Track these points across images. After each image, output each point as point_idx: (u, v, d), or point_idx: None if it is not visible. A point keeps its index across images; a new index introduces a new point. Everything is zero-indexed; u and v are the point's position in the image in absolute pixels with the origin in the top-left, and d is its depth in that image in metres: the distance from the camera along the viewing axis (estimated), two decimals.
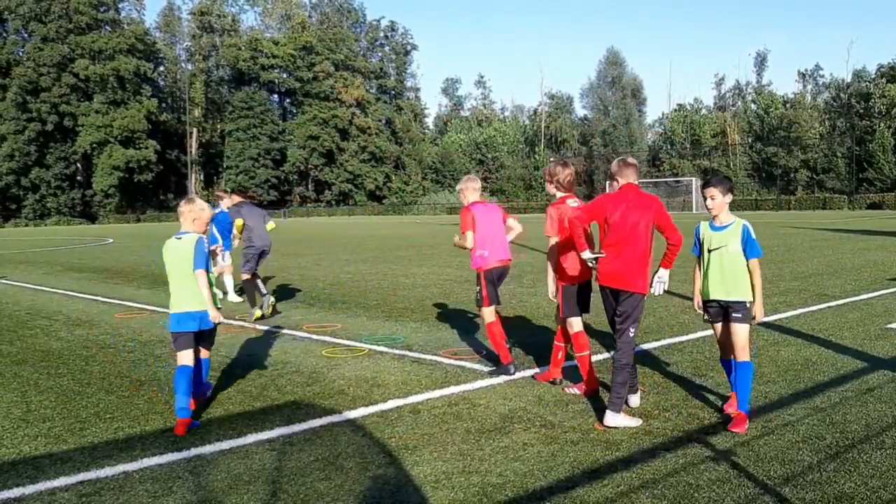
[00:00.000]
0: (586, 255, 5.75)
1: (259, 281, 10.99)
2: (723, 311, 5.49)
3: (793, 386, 6.30)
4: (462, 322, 9.97)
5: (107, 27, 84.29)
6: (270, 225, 11.44)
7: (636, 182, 5.78)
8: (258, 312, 10.61)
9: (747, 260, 5.40)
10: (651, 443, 4.98)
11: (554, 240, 6.37)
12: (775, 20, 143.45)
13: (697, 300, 5.66)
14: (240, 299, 12.61)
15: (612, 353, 6.03)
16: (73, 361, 8.08)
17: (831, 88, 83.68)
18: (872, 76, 78.25)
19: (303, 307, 11.90)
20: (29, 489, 4.44)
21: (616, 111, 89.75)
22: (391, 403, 6.08)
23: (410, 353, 8.09)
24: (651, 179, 78.46)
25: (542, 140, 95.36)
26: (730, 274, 5.41)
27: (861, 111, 75.53)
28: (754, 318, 5.39)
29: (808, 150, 76.87)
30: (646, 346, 8.08)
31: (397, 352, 8.19)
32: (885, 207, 60.44)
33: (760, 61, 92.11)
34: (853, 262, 16.43)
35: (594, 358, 7.59)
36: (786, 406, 5.71)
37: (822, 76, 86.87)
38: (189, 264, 5.93)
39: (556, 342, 6.66)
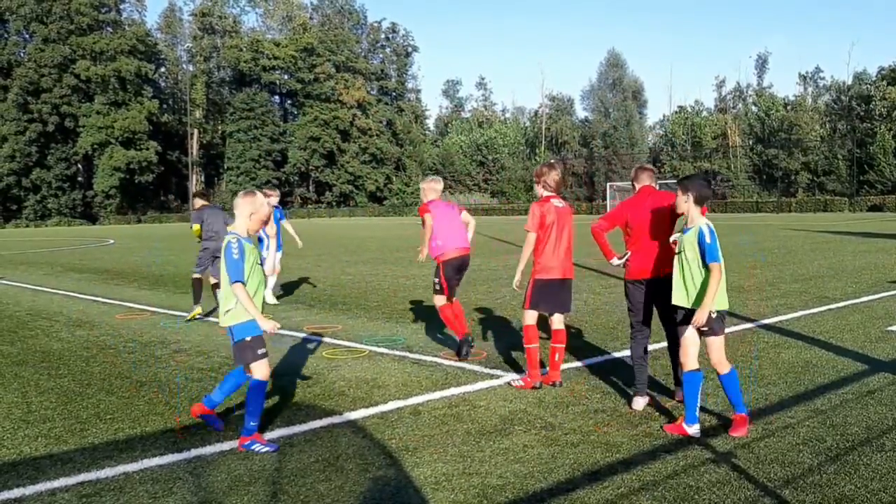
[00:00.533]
0: (615, 261, 6.21)
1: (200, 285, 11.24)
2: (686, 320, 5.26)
3: (793, 388, 6.29)
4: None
5: (108, 28, 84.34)
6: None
7: (653, 184, 6.19)
8: (197, 310, 10.97)
9: (706, 266, 5.12)
10: (651, 444, 4.97)
11: (532, 235, 6.59)
12: (776, 22, 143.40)
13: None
14: (275, 301, 12.55)
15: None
16: (74, 362, 8.08)
17: (832, 91, 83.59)
18: (873, 79, 78.14)
19: (303, 308, 11.91)
20: (29, 490, 4.44)
21: (617, 113, 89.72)
22: (391, 405, 6.08)
23: (411, 355, 8.09)
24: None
25: (543, 142, 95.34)
26: (689, 280, 5.23)
27: (862, 114, 75.45)
28: (705, 326, 5.12)
29: (809, 153, 76.79)
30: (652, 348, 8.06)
31: (398, 353, 8.19)
32: (885, 210, 60.39)
33: (761, 63, 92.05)
34: (854, 264, 16.42)
35: (598, 359, 7.60)
36: (786, 408, 5.71)
37: (823, 78, 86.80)
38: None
39: (552, 344, 6.73)
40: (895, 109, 70.79)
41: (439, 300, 7.75)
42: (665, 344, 6.30)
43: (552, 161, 7.43)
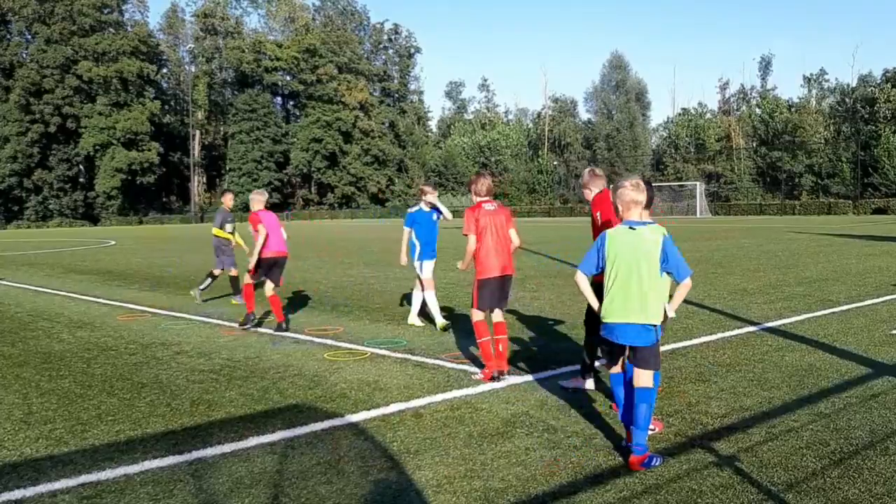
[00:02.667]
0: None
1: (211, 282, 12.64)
2: None
3: (797, 392, 6.27)
4: (465, 325, 9.93)
5: (110, 29, 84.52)
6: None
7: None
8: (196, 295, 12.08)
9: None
10: (654, 448, 4.95)
11: (472, 237, 6.98)
12: (780, 25, 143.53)
13: None
14: (420, 324, 10.25)
15: None
16: (75, 363, 8.07)
17: (836, 93, 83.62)
18: (878, 81, 78.17)
19: (305, 310, 11.89)
20: (30, 491, 4.43)
21: (620, 115, 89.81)
22: (393, 407, 6.06)
23: (413, 357, 8.07)
24: (655, 184, 78.30)
25: (546, 143, 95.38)
26: None
27: (866, 116, 75.44)
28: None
29: (813, 155, 76.78)
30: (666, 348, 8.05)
31: (399, 355, 8.17)
32: (890, 212, 60.33)
33: (765, 66, 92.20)
34: (858, 267, 16.38)
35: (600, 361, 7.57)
36: (789, 412, 5.68)
37: (828, 81, 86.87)
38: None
39: (495, 336, 7.03)
40: None
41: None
42: (672, 346, 6.30)
43: (480, 171, 8.29)
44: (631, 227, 4.85)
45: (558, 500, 4.14)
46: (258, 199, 10.02)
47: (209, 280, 13.29)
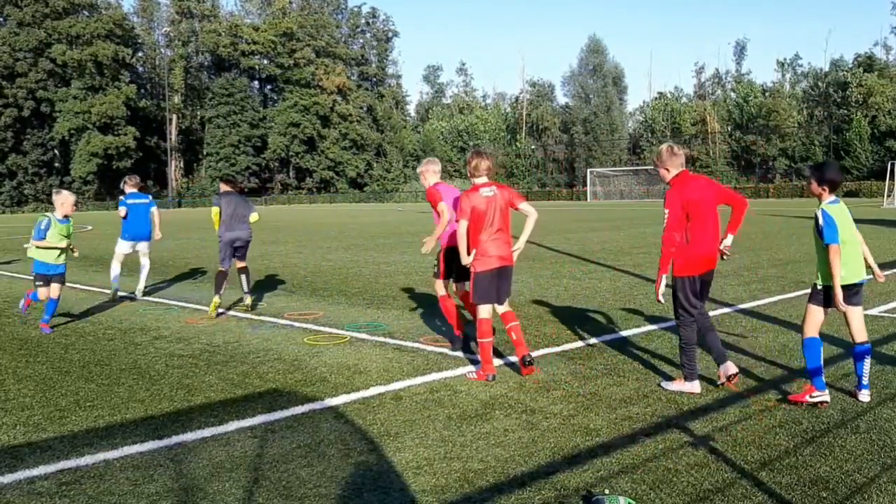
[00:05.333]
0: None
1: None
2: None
3: (770, 372, 6.38)
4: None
5: (84, 12, 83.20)
6: (254, 216, 10.62)
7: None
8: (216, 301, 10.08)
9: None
10: (630, 428, 5.02)
11: (463, 223, 6.43)
12: (754, 9, 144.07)
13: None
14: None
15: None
16: (52, 349, 8.02)
17: (809, 77, 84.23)
18: (850, 66, 78.85)
19: (284, 295, 11.87)
20: (7, 478, 4.41)
21: (597, 99, 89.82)
22: (373, 390, 6.09)
23: (392, 341, 8.10)
24: (631, 167, 78.81)
25: (524, 128, 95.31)
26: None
27: (839, 100, 76.11)
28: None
29: (787, 139, 77.39)
30: (625, 333, 8.14)
31: (379, 339, 8.20)
32: (861, 195, 61.09)
33: (740, 50, 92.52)
34: None
35: (578, 344, 7.65)
36: (763, 392, 5.78)
37: (801, 65, 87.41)
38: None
39: (507, 325, 6.68)
40: (871, 96, 71.44)
41: (439, 288, 7.80)
42: (648, 328, 6.39)
43: (478, 149, 7.57)
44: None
45: (536, 480, 4.20)
46: (431, 171, 8.06)
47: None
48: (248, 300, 10.51)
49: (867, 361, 5.56)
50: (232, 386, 6.36)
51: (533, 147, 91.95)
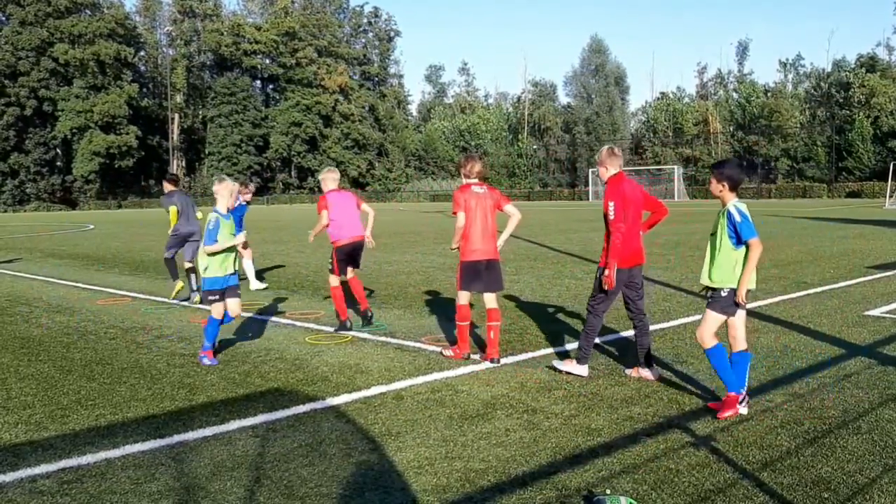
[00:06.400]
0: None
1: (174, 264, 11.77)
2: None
3: (771, 372, 6.37)
4: (445, 309, 9.98)
5: (86, 11, 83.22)
6: (200, 214, 11.81)
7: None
8: (179, 285, 11.38)
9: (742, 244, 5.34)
10: (632, 428, 5.02)
11: (461, 214, 6.96)
12: (757, 9, 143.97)
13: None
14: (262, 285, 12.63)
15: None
16: (54, 348, 8.03)
17: (812, 78, 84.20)
18: (852, 66, 78.78)
19: (286, 294, 11.88)
20: (9, 476, 4.42)
21: (599, 99, 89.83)
22: (374, 390, 6.09)
23: (393, 340, 8.11)
24: (634, 167, 78.69)
25: (526, 128, 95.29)
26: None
27: (841, 101, 76.02)
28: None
29: (789, 139, 77.34)
30: (627, 333, 8.13)
31: (380, 339, 8.20)
32: (863, 196, 61.02)
33: (742, 50, 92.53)
34: (832, 250, 16.59)
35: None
36: (764, 392, 5.78)
37: (803, 66, 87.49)
38: None
39: (487, 323, 7.04)
40: (873, 97, 71.39)
41: (333, 281, 8.97)
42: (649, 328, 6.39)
43: (471, 153, 8.24)
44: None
45: (538, 480, 4.20)
46: (330, 178, 9.59)
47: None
48: (197, 298, 11.00)
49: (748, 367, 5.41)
50: (233, 385, 6.37)
51: (535, 147, 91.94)
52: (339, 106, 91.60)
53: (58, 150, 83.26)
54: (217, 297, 7.39)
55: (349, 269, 9.14)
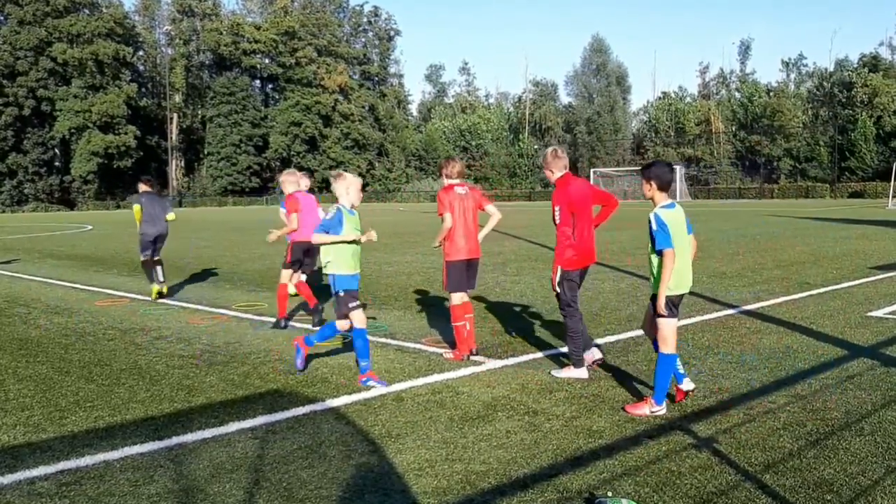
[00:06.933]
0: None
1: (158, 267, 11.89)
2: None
3: (774, 373, 6.34)
4: (446, 310, 9.91)
5: (85, 10, 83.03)
6: (171, 216, 12.14)
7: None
8: (156, 288, 11.64)
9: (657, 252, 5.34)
10: (633, 430, 4.99)
11: (448, 215, 7.09)
12: (759, 8, 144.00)
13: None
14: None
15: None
16: (52, 349, 8.00)
17: (814, 77, 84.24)
18: (855, 66, 78.83)
19: None
20: (7, 478, 4.39)
21: (600, 99, 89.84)
22: (374, 391, 6.07)
23: (394, 342, 8.08)
24: (635, 168, 78.63)
25: (527, 127, 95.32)
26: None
27: (843, 100, 76.04)
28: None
29: (791, 139, 77.36)
30: (628, 335, 8.11)
31: (380, 340, 8.18)
32: (866, 196, 61.04)
33: (744, 50, 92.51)
34: (835, 250, 16.57)
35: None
36: (767, 393, 5.75)
37: (806, 65, 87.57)
38: None
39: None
40: (876, 96, 71.40)
41: (284, 276, 9.46)
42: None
43: (451, 155, 8.61)
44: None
45: (539, 482, 4.17)
46: (290, 181, 9.86)
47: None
48: (165, 288, 11.72)
49: (665, 369, 5.39)
50: (233, 387, 6.34)
51: (536, 147, 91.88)
52: (339, 106, 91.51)
53: (56, 151, 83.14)
54: (356, 302, 6.59)
55: (299, 273, 9.65)
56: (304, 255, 9.43)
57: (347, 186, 6.84)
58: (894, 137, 69.69)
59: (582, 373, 6.33)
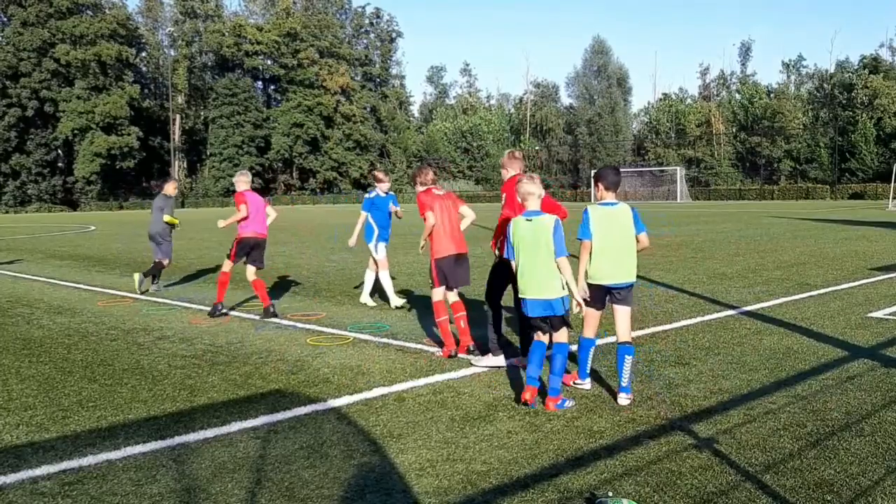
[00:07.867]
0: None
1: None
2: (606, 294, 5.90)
3: (774, 374, 6.35)
4: None
5: (88, 12, 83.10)
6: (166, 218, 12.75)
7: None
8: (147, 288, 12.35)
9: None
10: (634, 430, 5.01)
11: (430, 214, 7.40)
12: (759, 10, 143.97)
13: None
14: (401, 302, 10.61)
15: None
16: (55, 349, 8.02)
17: (815, 79, 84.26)
18: (855, 67, 78.81)
19: (287, 295, 11.87)
20: (10, 478, 4.41)
21: (601, 100, 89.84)
22: (376, 391, 6.08)
23: (395, 342, 8.09)
24: (636, 169, 78.72)
25: (528, 129, 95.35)
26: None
27: (844, 102, 76.00)
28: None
29: (792, 141, 77.34)
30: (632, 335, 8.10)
31: (382, 340, 8.19)
32: (866, 197, 60.95)
33: (745, 51, 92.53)
34: (835, 251, 16.57)
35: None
36: (767, 394, 5.76)
37: (806, 67, 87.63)
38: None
39: (455, 315, 7.44)
40: (876, 98, 71.36)
41: (225, 266, 10.04)
42: (651, 330, 6.46)
43: (422, 164, 9.07)
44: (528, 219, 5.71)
45: (540, 482, 4.18)
46: (243, 181, 10.33)
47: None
48: (145, 289, 12.38)
49: (628, 362, 5.65)
50: (235, 387, 6.36)
51: (537, 148, 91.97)
52: (341, 107, 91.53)
53: (59, 152, 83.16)
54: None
55: (252, 271, 9.99)
56: (251, 250, 10.01)
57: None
58: (894, 139, 69.62)
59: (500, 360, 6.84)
